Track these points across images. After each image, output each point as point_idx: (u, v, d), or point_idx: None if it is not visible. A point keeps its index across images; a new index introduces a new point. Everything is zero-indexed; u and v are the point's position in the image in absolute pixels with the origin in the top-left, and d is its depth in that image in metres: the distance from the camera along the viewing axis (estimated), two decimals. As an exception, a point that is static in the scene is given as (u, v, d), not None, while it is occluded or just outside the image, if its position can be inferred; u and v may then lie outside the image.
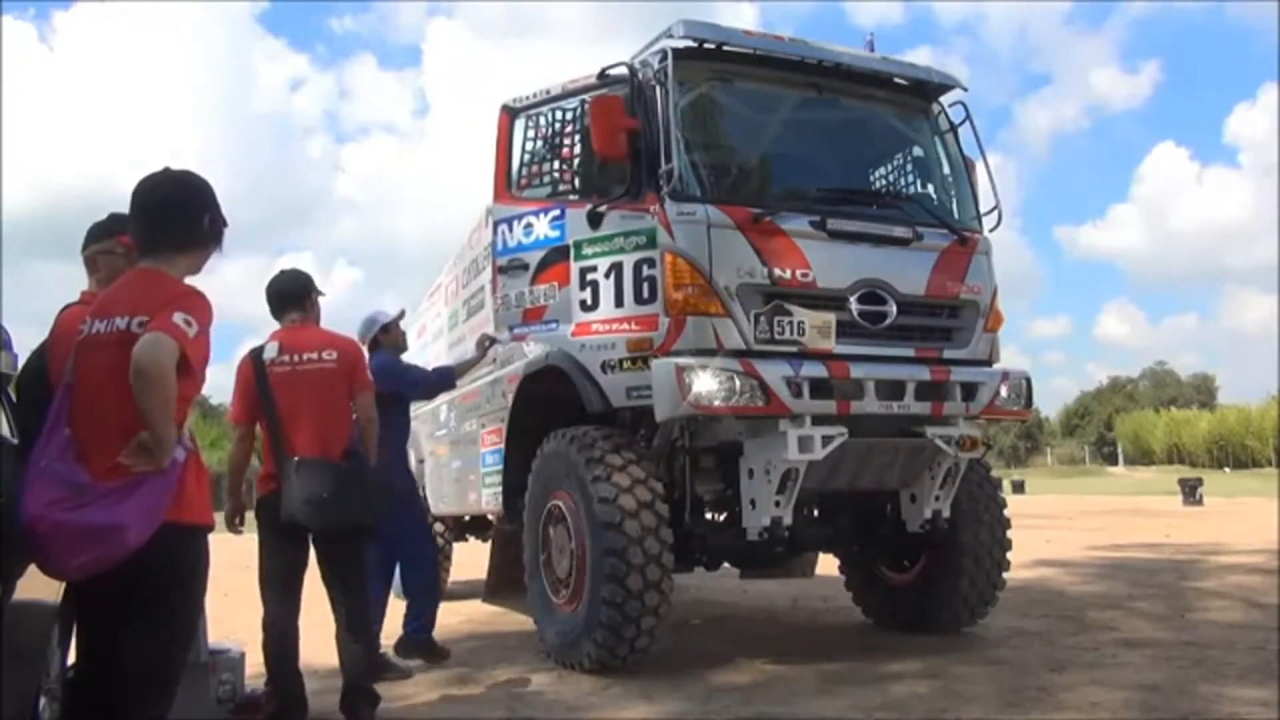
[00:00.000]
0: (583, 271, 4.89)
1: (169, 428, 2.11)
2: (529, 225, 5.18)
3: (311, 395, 3.81)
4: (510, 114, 5.39)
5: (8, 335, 2.66)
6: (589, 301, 4.86)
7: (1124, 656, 4.68)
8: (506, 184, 5.38)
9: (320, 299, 4.21)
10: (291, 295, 4.07)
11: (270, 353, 3.88)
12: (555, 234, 5.07)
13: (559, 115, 5.22)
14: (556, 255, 5.02)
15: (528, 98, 5.34)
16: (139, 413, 2.07)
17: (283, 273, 4.21)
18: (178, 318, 2.14)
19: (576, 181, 5.21)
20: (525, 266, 5.17)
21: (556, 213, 5.06)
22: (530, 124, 5.35)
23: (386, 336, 5.52)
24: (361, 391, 3.93)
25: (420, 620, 5.24)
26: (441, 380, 5.79)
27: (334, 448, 3.80)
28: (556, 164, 5.30)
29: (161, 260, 2.33)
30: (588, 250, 4.89)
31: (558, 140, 5.27)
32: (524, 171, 5.39)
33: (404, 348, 5.79)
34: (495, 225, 5.39)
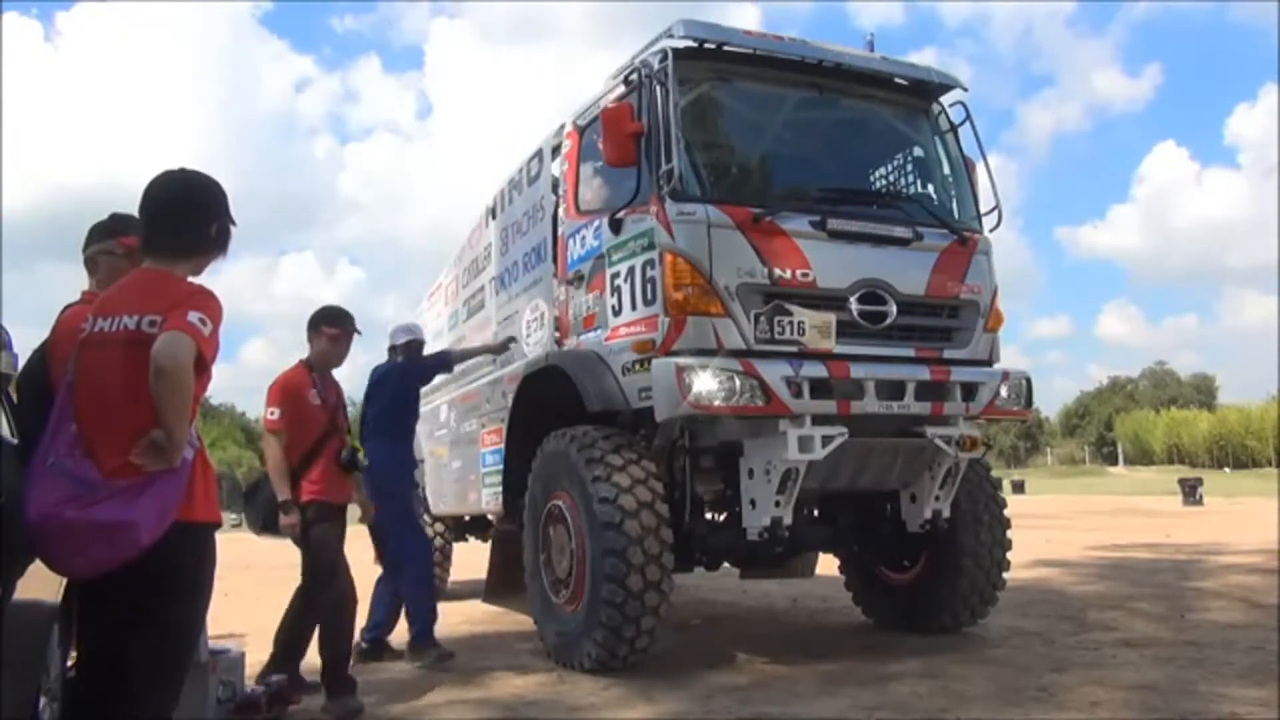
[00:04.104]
0: (612, 278, 4.91)
1: (184, 427, 2.10)
2: (584, 238, 5.22)
3: None
4: (579, 130, 5.40)
5: (8, 335, 2.65)
6: (617, 307, 4.88)
7: (1124, 656, 4.68)
8: (575, 199, 5.38)
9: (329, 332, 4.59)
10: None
11: None
12: (595, 244, 5.09)
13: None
14: (598, 264, 5.05)
15: (588, 112, 5.33)
16: (153, 411, 2.06)
17: None
18: (193, 316, 2.13)
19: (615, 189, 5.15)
20: (582, 278, 5.21)
21: (598, 223, 5.07)
22: (588, 138, 5.33)
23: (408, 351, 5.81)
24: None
25: (416, 623, 5.18)
26: (440, 364, 6.14)
27: None
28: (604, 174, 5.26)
29: (165, 262, 2.31)
30: (614, 257, 4.90)
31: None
32: (587, 185, 5.38)
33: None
34: (566, 240, 5.41)
